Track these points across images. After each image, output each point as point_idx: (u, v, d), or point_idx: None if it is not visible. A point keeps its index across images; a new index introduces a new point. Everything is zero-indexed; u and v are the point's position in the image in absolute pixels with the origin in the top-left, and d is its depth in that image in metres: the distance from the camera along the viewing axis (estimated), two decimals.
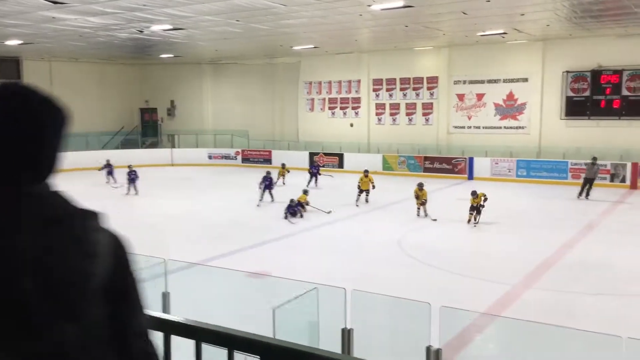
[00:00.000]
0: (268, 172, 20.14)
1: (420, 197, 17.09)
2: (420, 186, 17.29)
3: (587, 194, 20.14)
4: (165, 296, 6.51)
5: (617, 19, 19.57)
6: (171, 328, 1.96)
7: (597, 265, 11.96)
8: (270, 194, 19.51)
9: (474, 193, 15.98)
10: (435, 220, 16.23)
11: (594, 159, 20.79)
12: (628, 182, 22.60)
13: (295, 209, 16.99)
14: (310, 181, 23.21)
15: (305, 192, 18.49)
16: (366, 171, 19.66)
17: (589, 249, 13.32)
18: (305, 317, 5.29)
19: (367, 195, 19.13)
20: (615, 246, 13.60)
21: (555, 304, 9.71)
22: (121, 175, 23.06)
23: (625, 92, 23.52)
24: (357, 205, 18.45)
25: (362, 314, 5.41)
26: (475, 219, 15.70)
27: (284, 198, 18.24)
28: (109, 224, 1.46)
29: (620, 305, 9.67)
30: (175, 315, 1.98)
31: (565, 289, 10.44)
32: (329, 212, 17.29)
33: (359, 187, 19.12)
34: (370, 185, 19.10)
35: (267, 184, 19.46)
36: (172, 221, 17.00)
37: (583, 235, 14.69)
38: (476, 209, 15.75)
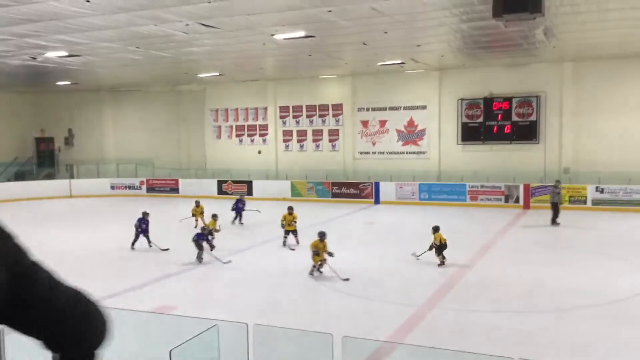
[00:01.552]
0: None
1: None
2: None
3: (554, 220, 19.46)
4: None
5: (505, 50, 20.94)
6: None
7: (494, 283, 12.53)
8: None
9: (436, 229, 14.13)
10: (347, 279, 12.78)
11: (557, 182, 20.39)
12: (521, 203, 24.02)
13: (205, 237, 15.05)
14: (235, 218, 20.63)
15: (214, 216, 16.68)
16: (290, 208, 17.02)
17: (487, 268, 13.95)
18: (206, 356, 5.12)
19: (295, 236, 16.52)
20: (510, 264, 14.32)
21: (457, 322, 10.05)
22: None
23: (515, 118, 25.11)
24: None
25: (265, 348, 5.32)
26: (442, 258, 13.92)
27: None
28: None
29: (516, 321, 10.15)
30: None
31: (466, 307, 10.84)
32: (227, 263, 14.68)
33: (282, 227, 16.58)
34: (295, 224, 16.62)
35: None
36: (68, 257, 16.05)
37: (481, 255, 15.38)
38: (439, 247, 13.92)
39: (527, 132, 24.98)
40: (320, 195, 27.42)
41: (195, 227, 19.03)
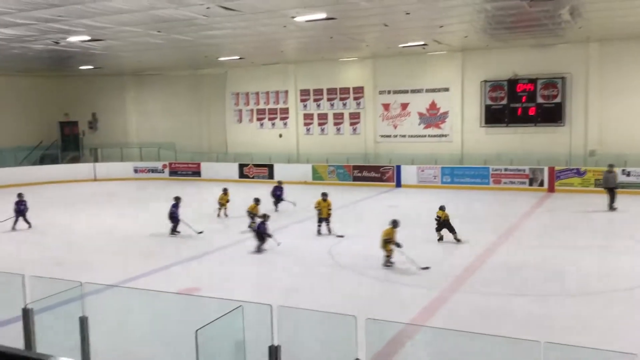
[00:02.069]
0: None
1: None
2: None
3: (611, 205, 18.86)
4: (83, 321, 6.20)
5: (529, 30, 20.55)
6: None
7: (518, 267, 12.43)
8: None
9: (441, 208, 15.02)
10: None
11: (610, 166, 19.63)
12: (546, 186, 23.72)
13: (264, 226, 14.35)
14: (276, 204, 20.13)
15: (257, 200, 16.66)
16: (325, 194, 16.36)
17: (510, 252, 13.83)
18: (231, 337, 5.17)
19: (328, 224, 16.02)
20: (534, 248, 14.18)
21: (480, 306, 9.99)
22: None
23: (540, 100, 24.71)
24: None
25: (289, 330, 5.35)
26: (455, 236, 14.57)
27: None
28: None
29: (542, 305, 10.07)
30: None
31: (490, 291, 10.77)
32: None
33: (318, 214, 16.09)
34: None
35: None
36: (95, 239, 16.34)
37: (505, 239, 15.25)
38: (445, 225, 14.71)
39: (552, 115, 24.58)
40: (341, 178, 27.39)
41: (219, 215, 19.12)
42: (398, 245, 12.43)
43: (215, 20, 16.45)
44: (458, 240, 14.60)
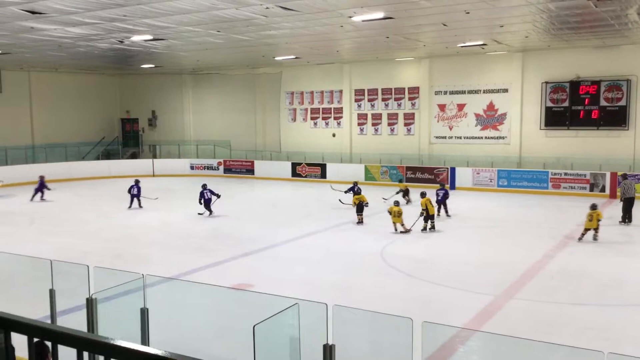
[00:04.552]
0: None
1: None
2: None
3: (626, 218, 17.28)
4: (144, 312, 6.39)
5: (593, 31, 19.87)
6: None
7: (577, 274, 12.05)
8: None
9: (422, 194, 16.66)
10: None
11: (623, 175, 18.48)
12: (607, 192, 22.87)
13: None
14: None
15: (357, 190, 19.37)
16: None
17: (569, 259, 13.42)
18: (286, 333, 5.22)
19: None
20: (593, 256, 13.72)
21: (537, 314, 9.74)
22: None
23: (603, 103, 23.85)
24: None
25: (343, 329, 5.35)
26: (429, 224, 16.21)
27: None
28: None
29: (600, 314, 9.73)
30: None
31: (546, 299, 10.48)
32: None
33: (424, 213, 16.20)
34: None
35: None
36: (153, 233, 16.82)
37: (563, 245, 14.80)
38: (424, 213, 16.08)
39: (616, 118, 23.69)
40: (394, 179, 27.18)
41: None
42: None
43: (274, 20, 16.64)
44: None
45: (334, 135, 30.92)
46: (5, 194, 24.53)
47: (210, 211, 19.02)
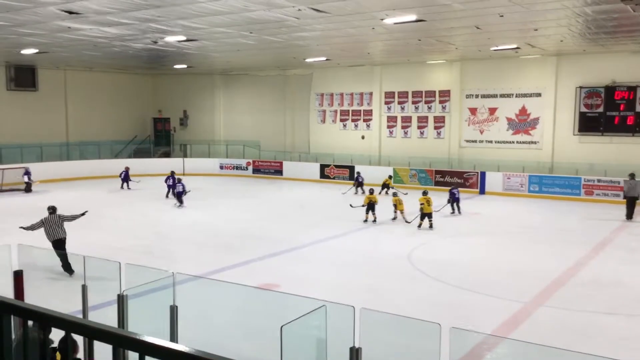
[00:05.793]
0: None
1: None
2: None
3: (630, 215, 18.96)
4: (173, 309, 6.48)
5: (631, 35, 19.45)
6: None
7: (610, 283, 11.80)
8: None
9: (423, 193, 17.72)
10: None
11: (631, 175, 19.62)
12: None
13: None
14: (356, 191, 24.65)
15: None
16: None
17: (601, 267, 13.15)
18: (313, 335, 5.24)
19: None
20: (627, 264, 13.42)
21: (567, 322, 9.57)
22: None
23: (639, 109, 23.32)
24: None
25: (370, 333, 5.34)
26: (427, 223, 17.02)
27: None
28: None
29: (634, 325, 9.51)
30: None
31: (577, 307, 10.29)
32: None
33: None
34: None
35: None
36: (182, 231, 17.03)
37: (596, 253, 14.52)
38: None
39: None
40: (422, 182, 27.01)
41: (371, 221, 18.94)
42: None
43: (306, 22, 16.69)
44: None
45: (363, 137, 30.87)
46: (41, 189, 25.12)
47: (181, 202, 20.84)
